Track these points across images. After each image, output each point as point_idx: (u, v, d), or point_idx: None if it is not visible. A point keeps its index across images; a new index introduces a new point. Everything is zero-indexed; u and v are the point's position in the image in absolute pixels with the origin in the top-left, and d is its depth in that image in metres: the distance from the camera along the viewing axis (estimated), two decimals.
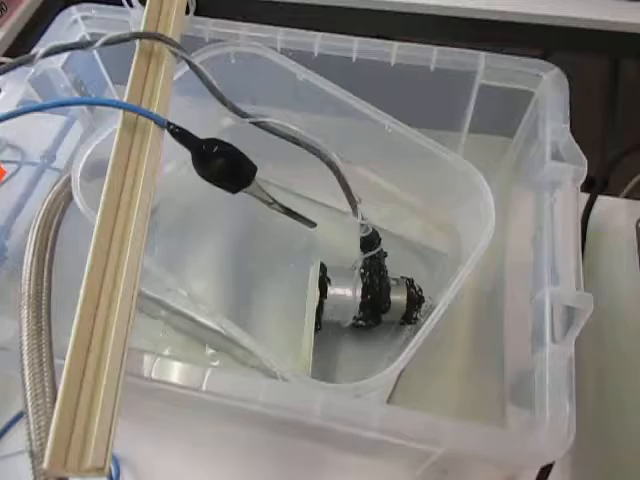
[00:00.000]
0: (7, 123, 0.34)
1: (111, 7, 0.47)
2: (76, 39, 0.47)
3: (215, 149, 0.37)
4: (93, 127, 0.51)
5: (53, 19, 0.47)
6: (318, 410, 0.28)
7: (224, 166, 0.38)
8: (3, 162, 0.59)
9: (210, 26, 0.45)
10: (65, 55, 0.47)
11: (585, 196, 0.53)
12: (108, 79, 0.52)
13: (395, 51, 0.43)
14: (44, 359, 0.28)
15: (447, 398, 0.43)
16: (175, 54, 0.40)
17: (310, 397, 0.28)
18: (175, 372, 0.30)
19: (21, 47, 0.65)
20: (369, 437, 0.29)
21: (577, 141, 0.39)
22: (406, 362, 0.33)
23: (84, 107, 0.51)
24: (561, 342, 0.31)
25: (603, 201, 0.53)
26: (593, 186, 0.53)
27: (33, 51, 0.36)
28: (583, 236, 0.51)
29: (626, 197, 0.55)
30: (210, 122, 0.47)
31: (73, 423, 0.26)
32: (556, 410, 0.29)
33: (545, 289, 0.32)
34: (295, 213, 0.43)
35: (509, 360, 0.41)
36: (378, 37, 0.45)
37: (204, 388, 0.29)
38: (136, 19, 0.46)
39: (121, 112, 0.35)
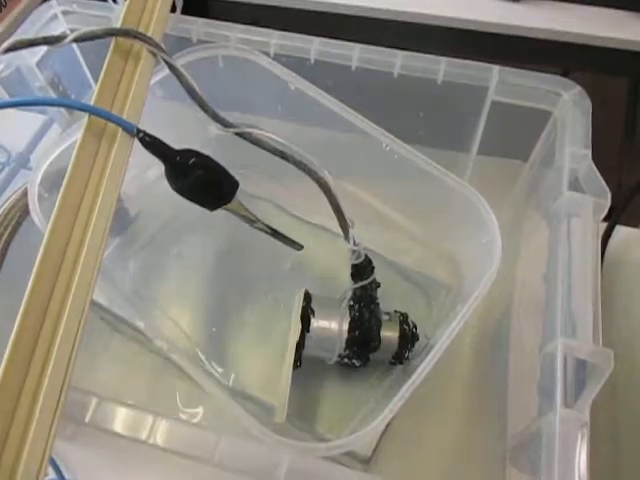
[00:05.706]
0: None
1: (94, 2, 0.44)
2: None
3: (191, 161, 0.33)
4: None
5: None
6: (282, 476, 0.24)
7: (201, 180, 0.34)
8: None
9: (199, 26, 0.41)
10: (41, 51, 0.43)
11: (602, 225, 0.48)
12: (91, 78, 0.48)
13: (399, 61, 0.38)
14: None
15: (442, 446, 0.39)
16: (154, 54, 0.36)
17: (273, 461, 0.24)
18: (122, 420, 0.26)
19: None
20: None
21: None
22: (393, 414, 0.29)
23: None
24: (574, 406, 0.26)
25: (622, 231, 0.48)
26: (611, 214, 0.49)
27: None
28: None
29: None
30: (201, 129, 0.44)
31: None
32: None
33: (557, 340, 0.28)
34: (280, 234, 0.39)
35: (513, 411, 0.37)
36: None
37: (152, 441, 0.25)
38: (120, 16, 0.42)
39: (86, 116, 0.32)
